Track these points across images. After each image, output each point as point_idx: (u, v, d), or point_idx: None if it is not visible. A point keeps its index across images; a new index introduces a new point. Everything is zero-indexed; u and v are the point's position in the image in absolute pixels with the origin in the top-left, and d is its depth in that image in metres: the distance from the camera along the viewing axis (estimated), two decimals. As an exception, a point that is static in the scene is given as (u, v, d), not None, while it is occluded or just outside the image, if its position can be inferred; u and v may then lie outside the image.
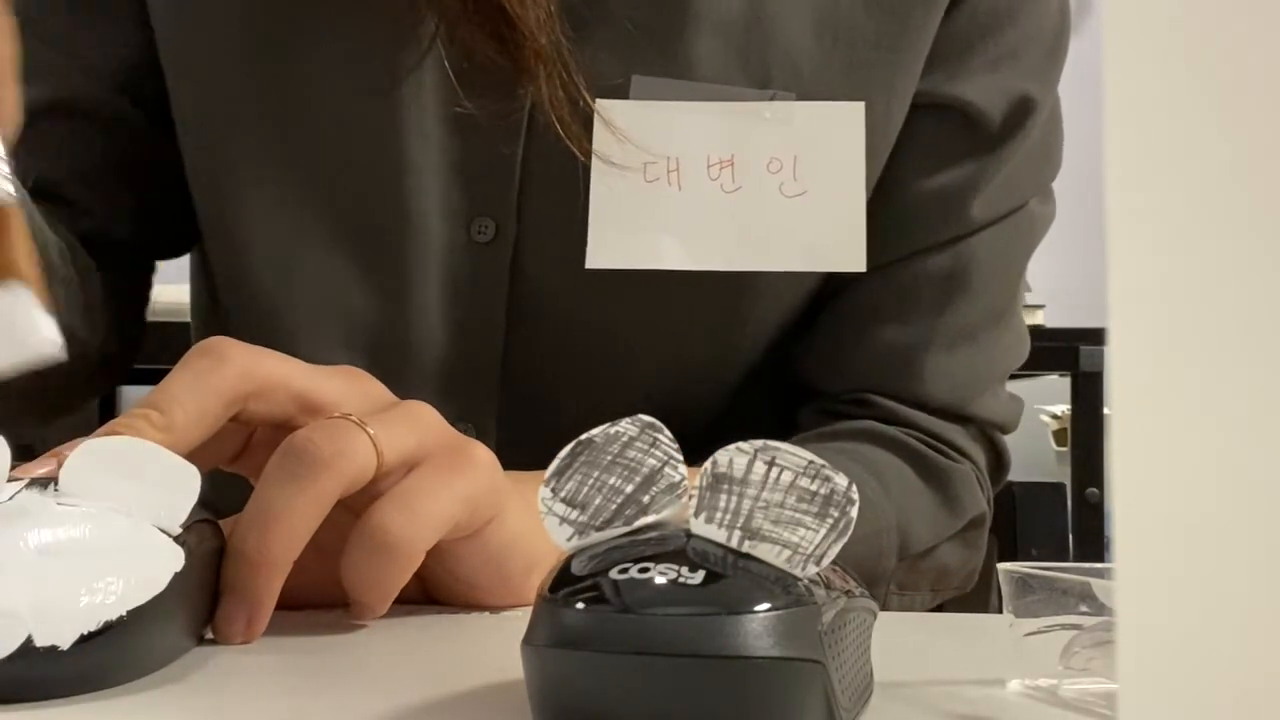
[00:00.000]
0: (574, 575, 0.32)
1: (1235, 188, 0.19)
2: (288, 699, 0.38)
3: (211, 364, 0.44)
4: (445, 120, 0.62)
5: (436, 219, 0.62)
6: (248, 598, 0.42)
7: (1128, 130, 0.20)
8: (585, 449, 0.34)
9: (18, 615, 0.36)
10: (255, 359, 0.45)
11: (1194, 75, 0.19)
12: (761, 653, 0.30)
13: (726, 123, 0.60)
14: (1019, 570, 0.40)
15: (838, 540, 0.31)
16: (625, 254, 0.60)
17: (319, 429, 0.43)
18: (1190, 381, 0.19)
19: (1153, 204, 0.20)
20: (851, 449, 0.63)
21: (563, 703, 0.31)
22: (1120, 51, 0.20)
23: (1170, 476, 0.20)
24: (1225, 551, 0.19)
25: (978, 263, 0.65)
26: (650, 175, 0.60)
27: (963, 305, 0.66)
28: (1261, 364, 0.19)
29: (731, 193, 0.61)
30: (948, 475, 0.66)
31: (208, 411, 0.43)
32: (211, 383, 0.44)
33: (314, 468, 0.42)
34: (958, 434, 0.67)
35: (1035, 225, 0.69)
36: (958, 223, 0.65)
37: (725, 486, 0.32)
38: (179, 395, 0.43)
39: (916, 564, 0.64)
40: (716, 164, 0.61)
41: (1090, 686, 0.39)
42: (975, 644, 0.49)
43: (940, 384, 0.66)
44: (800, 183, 0.61)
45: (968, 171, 0.64)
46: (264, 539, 0.42)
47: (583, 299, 0.62)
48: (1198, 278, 0.19)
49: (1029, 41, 0.65)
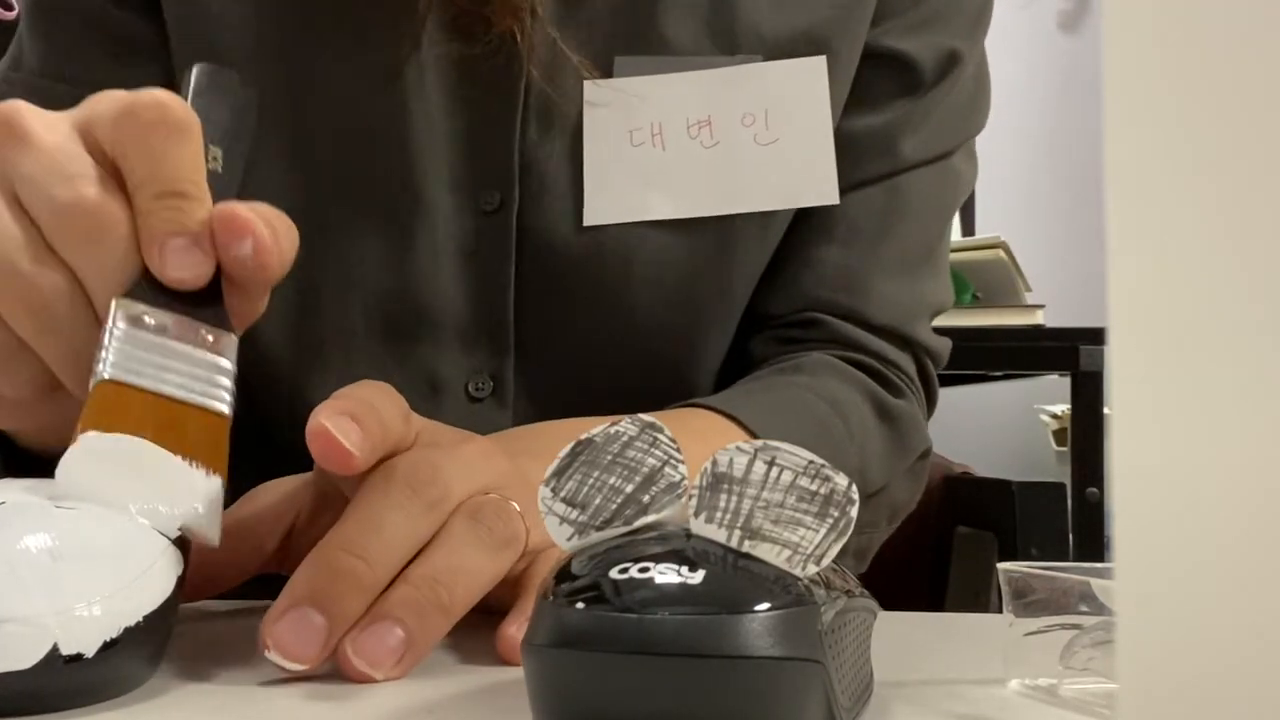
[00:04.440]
0: (574, 575, 0.32)
1: (1235, 188, 0.19)
2: (289, 698, 0.38)
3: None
4: (447, 101, 0.66)
5: (444, 194, 0.67)
6: (418, 639, 0.41)
7: (1128, 130, 0.20)
8: (585, 449, 0.34)
9: (43, 624, 0.35)
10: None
11: (1194, 76, 0.19)
12: (761, 652, 0.30)
13: (702, 89, 0.67)
14: (1019, 570, 0.40)
15: (838, 540, 0.31)
16: (619, 210, 0.66)
17: (498, 507, 0.44)
18: (1189, 381, 0.19)
19: (1152, 205, 0.20)
20: (819, 385, 0.67)
21: (563, 702, 0.31)
22: (1120, 51, 0.20)
23: (1170, 476, 0.20)
24: (1225, 551, 0.19)
25: (910, 200, 0.72)
26: (636, 140, 0.67)
27: (899, 236, 0.72)
28: (1261, 364, 0.19)
29: (711, 148, 0.67)
30: (898, 415, 0.71)
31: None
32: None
33: (502, 544, 0.43)
34: (903, 359, 0.73)
35: (960, 179, 0.75)
36: (891, 158, 0.71)
37: (725, 486, 0.32)
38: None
39: (871, 502, 0.69)
40: (695, 124, 0.67)
41: (1090, 686, 0.39)
42: (975, 644, 0.49)
43: (882, 305, 0.71)
44: (772, 131, 0.67)
45: (900, 112, 0.71)
46: (454, 593, 0.42)
47: (585, 254, 0.67)
48: (1197, 278, 0.19)
49: (955, 5, 0.73)
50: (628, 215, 0.67)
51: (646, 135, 0.67)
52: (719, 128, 0.67)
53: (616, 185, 0.67)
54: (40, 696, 0.35)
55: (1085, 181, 2.68)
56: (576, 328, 0.68)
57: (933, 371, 0.76)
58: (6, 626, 0.35)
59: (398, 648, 0.40)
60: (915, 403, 0.74)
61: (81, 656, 0.35)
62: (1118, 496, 0.20)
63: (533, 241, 0.67)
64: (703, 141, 0.67)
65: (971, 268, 1.68)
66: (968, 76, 0.73)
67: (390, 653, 0.40)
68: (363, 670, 0.40)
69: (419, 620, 0.41)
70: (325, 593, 0.40)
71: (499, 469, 0.46)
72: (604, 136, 0.66)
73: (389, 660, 0.40)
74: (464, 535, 0.43)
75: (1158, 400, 0.20)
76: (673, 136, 0.67)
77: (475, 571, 0.42)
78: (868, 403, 0.70)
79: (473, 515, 0.43)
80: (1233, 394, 0.19)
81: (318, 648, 0.39)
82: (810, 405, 0.66)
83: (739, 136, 0.67)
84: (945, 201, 0.75)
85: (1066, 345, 1.58)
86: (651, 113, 0.67)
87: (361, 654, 0.40)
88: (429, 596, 0.41)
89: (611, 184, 0.67)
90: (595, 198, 0.66)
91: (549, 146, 0.67)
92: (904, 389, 0.72)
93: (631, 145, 0.67)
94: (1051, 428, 2.54)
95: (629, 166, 0.67)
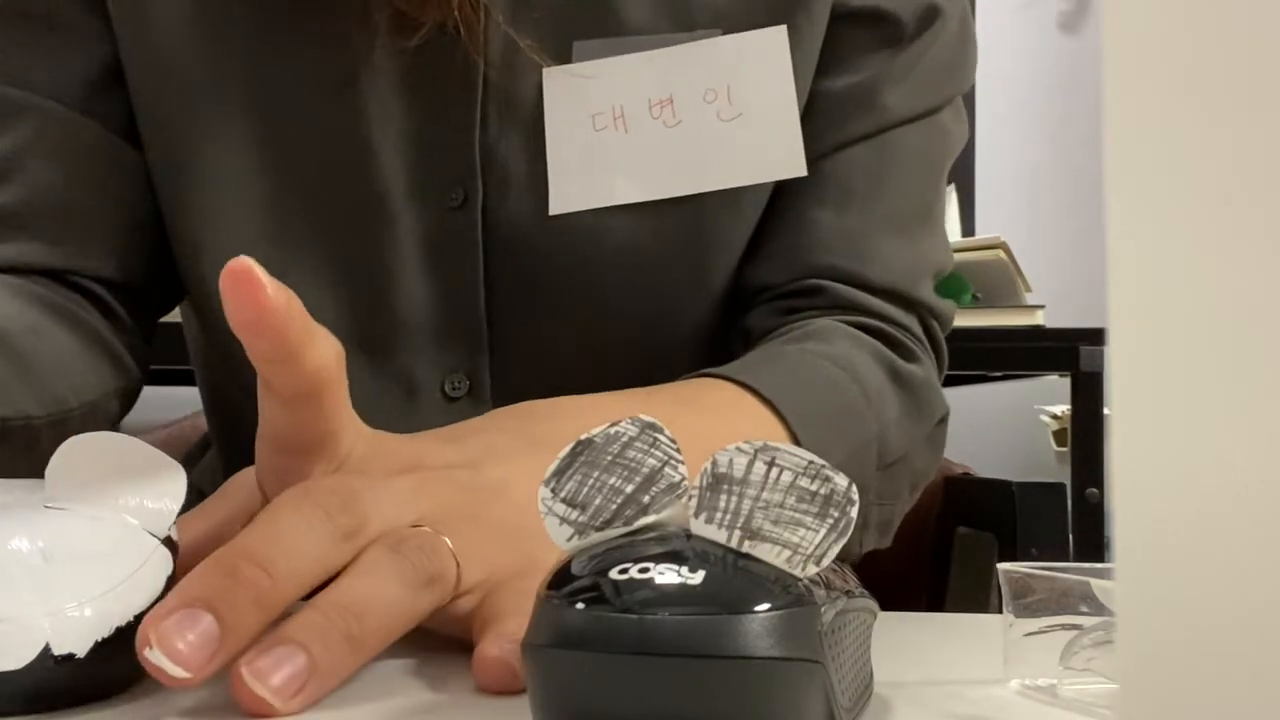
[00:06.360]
0: (574, 575, 0.32)
1: (1235, 188, 0.19)
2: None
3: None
4: (404, 101, 0.66)
5: (407, 194, 0.66)
6: (321, 668, 0.36)
7: (1128, 130, 0.20)
8: (585, 449, 0.34)
9: (35, 624, 0.35)
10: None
11: (1194, 76, 0.19)
12: (761, 653, 0.30)
13: (662, 68, 0.66)
14: (1019, 570, 0.40)
15: (838, 540, 0.31)
16: (585, 197, 0.65)
17: (422, 541, 0.41)
18: (1190, 381, 0.19)
19: (1152, 205, 0.20)
20: (832, 351, 0.65)
21: (563, 703, 0.31)
22: (1120, 51, 0.20)
23: (1170, 476, 0.20)
24: (1225, 551, 0.19)
25: (901, 157, 0.70)
26: (598, 125, 0.66)
27: (892, 194, 0.70)
28: (1261, 364, 0.19)
29: (674, 127, 0.66)
30: (912, 380, 0.69)
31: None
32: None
33: (426, 581, 0.40)
34: (909, 321, 0.71)
35: (949, 137, 0.74)
36: (877, 113, 0.69)
37: (725, 486, 0.32)
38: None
39: (892, 472, 0.67)
40: (657, 104, 0.66)
41: (1090, 686, 0.39)
42: (975, 644, 0.49)
43: (883, 265, 0.70)
44: (735, 106, 0.66)
45: (881, 64, 0.69)
46: (365, 624, 0.38)
47: (553, 244, 0.66)
48: (1197, 278, 0.19)
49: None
50: (594, 201, 0.66)
51: (608, 119, 0.66)
52: (681, 106, 0.66)
53: (581, 172, 0.66)
54: (31, 697, 0.35)
55: (1085, 181, 2.68)
56: (550, 320, 0.67)
57: (940, 334, 0.74)
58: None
59: (299, 675, 0.36)
60: (929, 367, 0.71)
61: (73, 657, 0.35)
62: (1118, 496, 0.20)
63: (500, 236, 0.66)
64: (665, 121, 0.66)
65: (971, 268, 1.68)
66: (950, 31, 0.72)
67: (292, 679, 0.36)
68: (260, 695, 0.35)
69: (324, 649, 0.36)
70: (221, 597, 0.36)
71: (437, 501, 0.43)
72: (565, 123, 0.66)
73: (290, 687, 0.36)
74: (381, 565, 0.39)
75: (1158, 400, 0.20)
76: (635, 118, 0.66)
77: (389, 604, 0.39)
78: (881, 368, 0.67)
79: (394, 547, 0.40)
80: (1233, 394, 0.19)
81: (207, 654, 0.35)
82: (824, 370, 0.64)
83: (702, 114, 0.66)
84: (936, 159, 0.73)
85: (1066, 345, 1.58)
86: (612, 96, 0.66)
87: (259, 678, 0.35)
88: (337, 624, 0.37)
89: (575, 171, 0.66)
90: (560, 186, 0.65)
91: (510, 138, 0.66)
92: (916, 353, 0.70)
93: (594, 130, 0.66)
94: (1051, 428, 2.54)
95: (592, 152, 0.66)
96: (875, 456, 0.65)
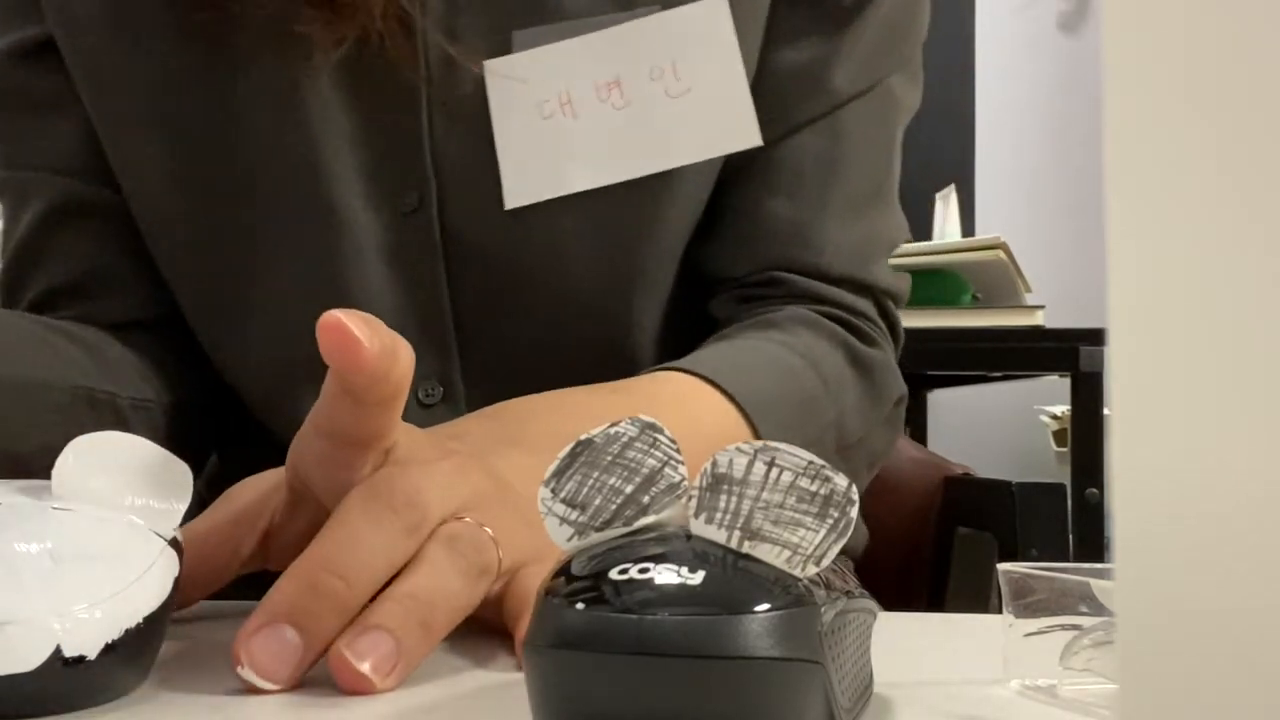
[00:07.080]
0: (574, 576, 0.32)
1: (1235, 188, 0.19)
2: (290, 698, 0.38)
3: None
4: (349, 109, 0.66)
5: (361, 202, 0.66)
6: (406, 651, 0.39)
7: (1128, 130, 0.20)
8: (585, 449, 0.34)
9: (45, 626, 0.35)
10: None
11: (1194, 76, 0.19)
12: (761, 653, 0.30)
13: (605, 50, 0.65)
14: (1019, 570, 0.40)
15: (838, 540, 0.31)
16: (539, 188, 0.65)
17: (472, 536, 0.43)
18: (1190, 382, 0.19)
19: (1152, 205, 0.20)
20: (792, 339, 0.66)
21: (563, 703, 0.31)
22: (1120, 52, 0.20)
23: (1170, 477, 0.20)
24: (1225, 552, 0.19)
25: (851, 137, 0.70)
26: (546, 113, 0.65)
27: (845, 179, 0.70)
28: (1261, 364, 0.19)
29: (623, 109, 0.65)
30: (871, 364, 0.70)
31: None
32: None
33: (478, 573, 0.43)
34: (864, 304, 0.72)
35: (899, 105, 0.73)
36: (825, 94, 0.69)
37: (725, 487, 0.32)
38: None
39: (850, 453, 0.68)
40: (604, 87, 0.65)
41: (1090, 686, 0.39)
42: (975, 644, 0.49)
43: (837, 255, 0.70)
44: (683, 81, 0.65)
45: (825, 44, 0.69)
46: (436, 613, 0.41)
47: (511, 239, 0.66)
48: (1197, 278, 0.19)
49: None
50: (548, 191, 0.65)
51: (555, 106, 0.65)
52: (628, 87, 0.65)
53: (532, 163, 0.65)
54: (42, 698, 0.35)
55: (1085, 181, 2.68)
56: (516, 317, 0.67)
57: (894, 311, 0.74)
58: (8, 629, 0.34)
59: (390, 656, 0.39)
60: (886, 349, 0.72)
61: (84, 658, 0.35)
62: (1118, 496, 0.20)
63: (459, 237, 0.66)
64: (614, 104, 0.65)
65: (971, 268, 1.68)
66: (892, 1, 0.71)
67: (384, 660, 0.39)
68: (360, 672, 0.38)
69: (406, 635, 0.40)
70: (303, 610, 0.39)
71: (475, 487, 0.45)
72: (512, 115, 0.65)
73: (385, 667, 0.39)
74: (442, 560, 0.42)
75: (1158, 400, 0.20)
76: (582, 103, 0.65)
77: (451, 596, 0.42)
78: (841, 353, 0.68)
79: (450, 544, 0.42)
80: (1232, 394, 0.19)
81: (292, 666, 0.38)
82: (782, 360, 0.64)
83: (650, 92, 0.65)
84: (888, 132, 0.73)
85: (1066, 346, 1.58)
86: (557, 83, 0.65)
87: (360, 658, 0.38)
88: (414, 614, 0.40)
89: (527, 162, 0.65)
90: (513, 179, 0.65)
91: (459, 138, 0.66)
92: (874, 337, 0.71)
93: (542, 119, 0.65)
94: (1051, 428, 2.54)
95: (542, 141, 0.65)
96: (834, 441, 0.67)
